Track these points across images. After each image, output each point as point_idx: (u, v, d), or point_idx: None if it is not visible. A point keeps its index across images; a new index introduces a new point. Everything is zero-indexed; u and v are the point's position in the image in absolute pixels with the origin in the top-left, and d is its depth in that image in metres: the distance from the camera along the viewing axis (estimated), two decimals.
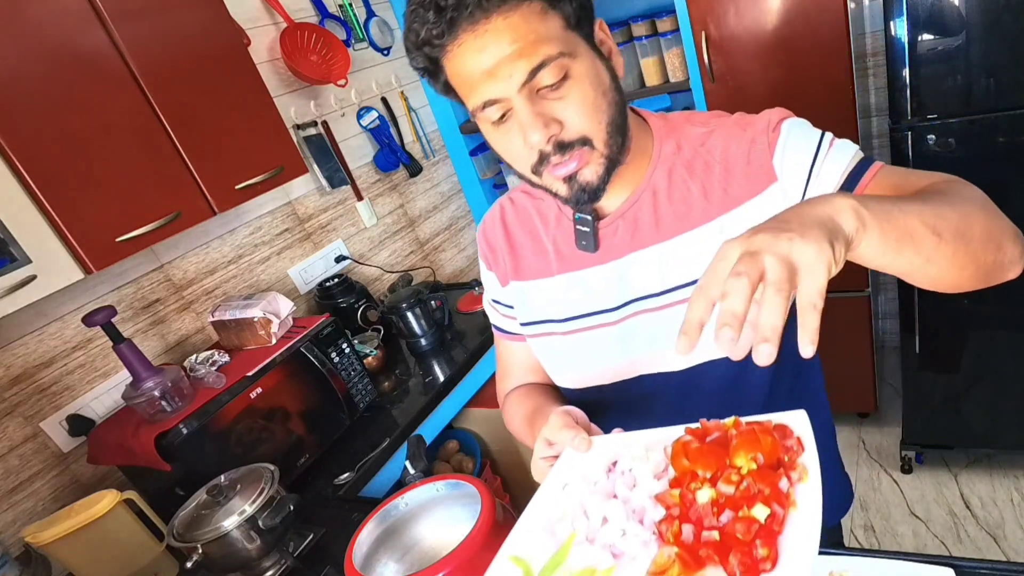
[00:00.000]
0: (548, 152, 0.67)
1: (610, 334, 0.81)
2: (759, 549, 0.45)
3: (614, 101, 0.69)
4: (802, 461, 0.51)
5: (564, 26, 0.65)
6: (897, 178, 0.69)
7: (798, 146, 0.72)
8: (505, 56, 0.62)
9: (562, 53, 0.64)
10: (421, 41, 0.65)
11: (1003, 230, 0.61)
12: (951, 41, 1.50)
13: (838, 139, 0.74)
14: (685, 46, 1.98)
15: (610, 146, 0.69)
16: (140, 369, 1.34)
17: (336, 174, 2.11)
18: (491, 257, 0.91)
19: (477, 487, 0.90)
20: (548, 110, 0.65)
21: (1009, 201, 1.62)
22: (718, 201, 0.74)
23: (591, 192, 0.71)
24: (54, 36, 1.20)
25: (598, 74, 0.68)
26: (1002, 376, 1.88)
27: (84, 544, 1.23)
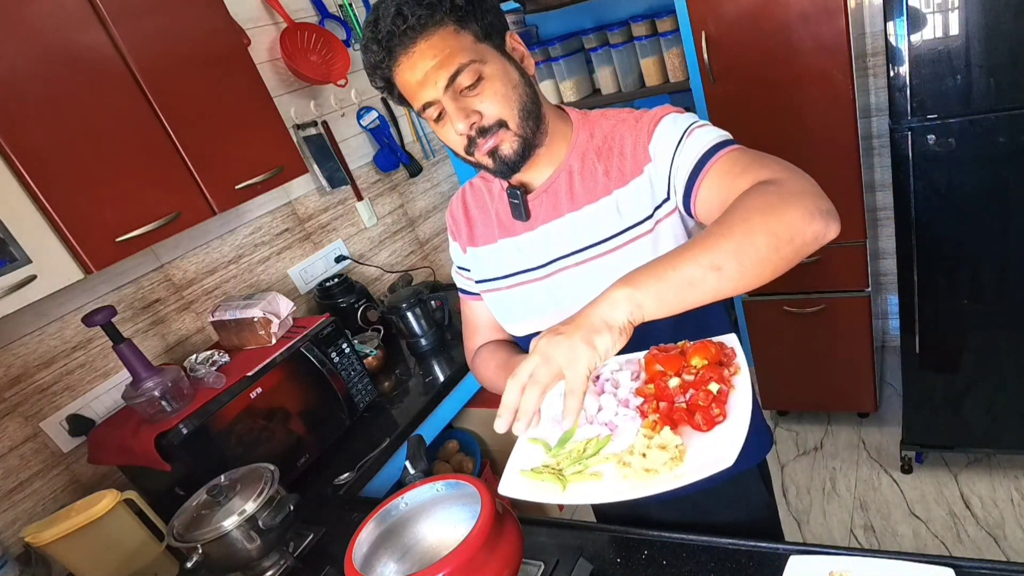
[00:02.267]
0: (473, 136, 0.85)
1: (541, 287, 0.98)
2: (714, 409, 0.69)
3: (525, 93, 0.87)
4: (736, 362, 0.74)
5: (475, 40, 0.83)
6: (739, 162, 0.80)
7: (668, 134, 0.87)
8: (430, 68, 0.81)
9: (473, 60, 0.82)
10: (373, 66, 0.85)
11: (791, 222, 0.68)
12: (951, 41, 1.50)
13: (704, 127, 0.87)
14: (685, 46, 1.98)
15: (523, 127, 0.87)
16: (140, 369, 1.34)
17: (336, 174, 2.11)
18: (455, 229, 1.09)
19: (477, 487, 0.90)
20: (469, 104, 0.84)
21: (1009, 201, 1.64)
22: (615, 179, 0.91)
23: (511, 164, 0.88)
24: (54, 36, 1.20)
25: (508, 73, 0.86)
26: (1002, 376, 1.88)
27: (84, 544, 1.23)
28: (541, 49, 2.33)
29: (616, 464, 0.69)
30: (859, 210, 1.97)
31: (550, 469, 0.72)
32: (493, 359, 1.06)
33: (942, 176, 1.67)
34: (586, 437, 0.74)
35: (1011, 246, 1.69)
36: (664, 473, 0.65)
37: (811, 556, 0.87)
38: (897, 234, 1.81)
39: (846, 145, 1.90)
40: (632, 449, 0.69)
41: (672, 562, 0.94)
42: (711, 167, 0.82)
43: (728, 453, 0.64)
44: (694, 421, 0.70)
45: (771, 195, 0.71)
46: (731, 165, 0.80)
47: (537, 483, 0.72)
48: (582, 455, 0.72)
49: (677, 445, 0.67)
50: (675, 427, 0.70)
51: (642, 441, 0.69)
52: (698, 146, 0.84)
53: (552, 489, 0.70)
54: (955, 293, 1.82)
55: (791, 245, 0.68)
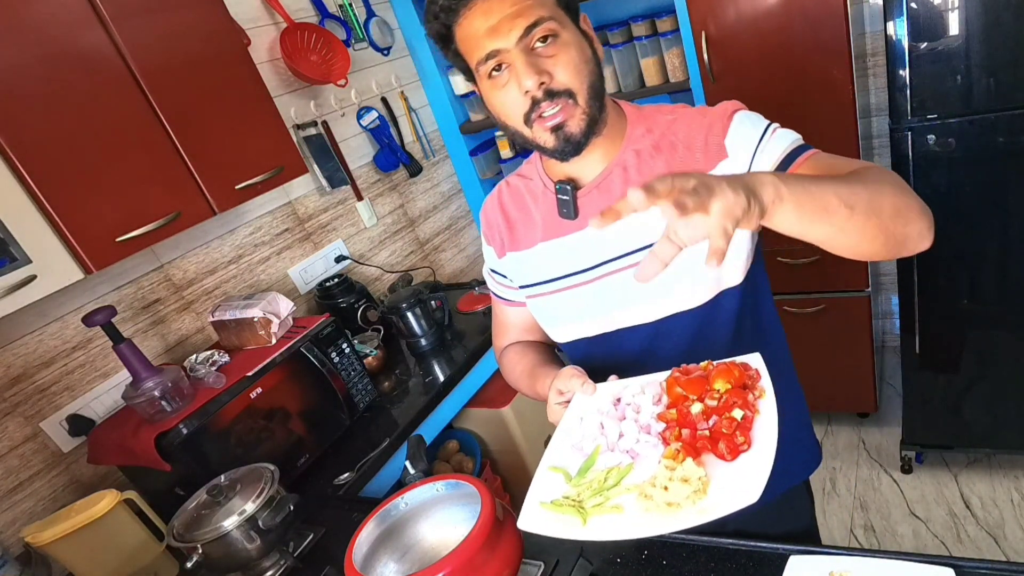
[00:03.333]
0: (539, 98, 0.79)
1: (589, 291, 0.93)
2: (738, 437, 0.66)
3: (595, 72, 0.82)
4: (761, 385, 0.71)
5: (556, 2, 0.79)
6: (825, 163, 0.80)
7: (746, 130, 0.84)
8: (506, 16, 0.76)
9: (553, 17, 0.78)
10: (440, 9, 0.79)
11: (911, 207, 0.71)
12: (951, 41, 1.50)
13: (783, 128, 0.85)
14: (685, 46, 1.98)
15: (590, 105, 0.82)
16: (140, 369, 1.34)
17: (336, 174, 2.11)
18: (489, 233, 1.04)
19: (477, 487, 0.90)
20: (540, 63, 0.78)
21: (1009, 201, 1.63)
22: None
23: (574, 143, 0.82)
24: (54, 36, 1.20)
25: (582, 46, 0.81)
26: (1002, 376, 1.88)
27: (84, 544, 1.23)
28: None
29: (638, 496, 0.66)
30: None
31: (571, 501, 0.69)
32: (521, 363, 1.04)
33: (942, 176, 1.67)
34: (607, 466, 0.72)
35: (1011, 246, 1.69)
36: (687, 507, 0.62)
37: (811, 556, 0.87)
38: None
39: (846, 145, 1.90)
40: (654, 481, 0.66)
41: (672, 562, 0.94)
42: (800, 166, 0.79)
43: (754, 487, 0.61)
44: (718, 450, 0.67)
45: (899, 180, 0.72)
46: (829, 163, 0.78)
47: (557, 516, 0.69)
48: (603, 486, 0.69)
49: (700, 477, 0.64)
50: (698, 456, 0.67)
51: (664, 472, 0.66)
52: (782, 144, 0.82)
53: (572, 524, 0.67)
54: (955, 293, 1.82)
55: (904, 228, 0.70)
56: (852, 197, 0.66)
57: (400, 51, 2.42)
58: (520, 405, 2.13)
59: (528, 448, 2.19)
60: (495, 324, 1.15)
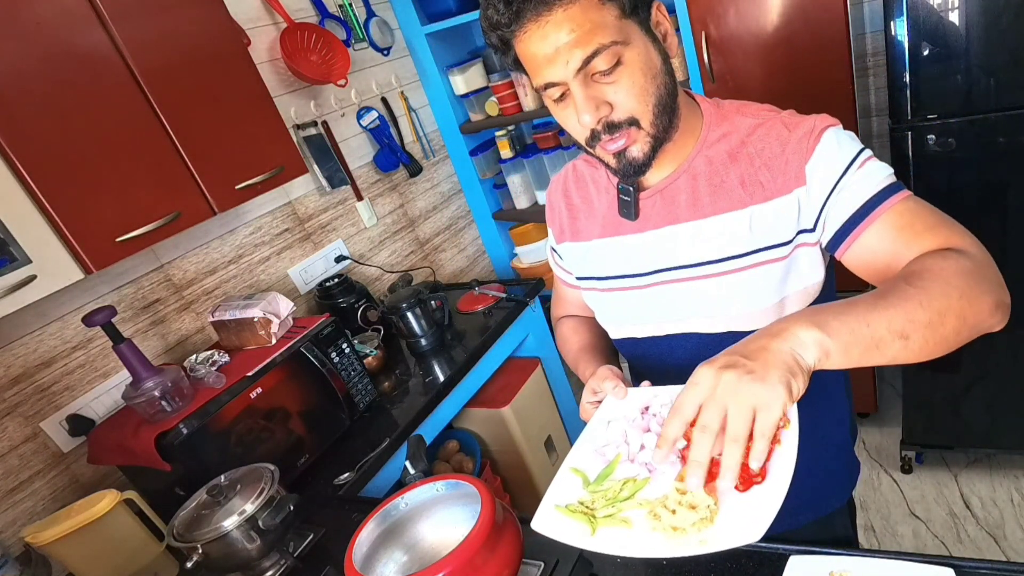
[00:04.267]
0: (599, 131, 0.76)
1: (639, 296, 0.91)
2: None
3: (663, 84, 0.76)
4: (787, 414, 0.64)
5: (619, 15, 0.72)
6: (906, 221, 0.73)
7: (831, 158, 0.77)
8: (563, 44, 0.70)
9: (615, 42, 0.71)
10: (492, 25, 0.74)
11: (982, 310, 0.65)
12: (951, 41, 1.50)
13: (873, 161, 0.77)
14: (685, 46, 1.98)
15: (656, 126, 0.77)
16: (140, 369, 1.34)
17: (336, 174, 2.11)
18: (551, 215, 1.02)
19: (477, 487, 0.90)
20: (600, 93, 0.73)
21: (1009, 201, 1.63)
22: (753, 192, 0.80)
23: (637, 167, 0.79)
24: (54, 36, 1.20)
25: (650, 59, 0.75)
26: (1002, 376, 1.88)
27: (84, 544, 1.23)
28: None
29: (647, 513, 0.66)
30: None
31: (584, 507, 0.70)
32: (573, 339, 1.04)
33: (942, 176, 1.67)
34: (625, 476, 0.72)
35: (1011, 246, 1.69)
36: (691, 534, 0.61)
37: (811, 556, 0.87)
38: None
39: None
40: (665, 501, 0.65)
41: (672, 561, 0.94)
42: (882, 213, 0.74)
43: (758, 526, 0.58)
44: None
45: (970, 276, 0.66)
46: (911, 218, 0.73)
47: (568, 521, 0.70)
48: (617, 496, 0.69)
49: (709, 506, 0.62)
50: (713, 480, 0.63)
51: (675, 495, 0.65)
52: (870, 184, 0.75)
53: (582, 531, 0.68)
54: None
55: (970, 333, 0.66)
56: (907, 325, 0.62)
57: (400, 51, 2.42)
58: (520, 405, 2.13)
59: (528, 448, 2.19)
60: (555, 292, 1.14)
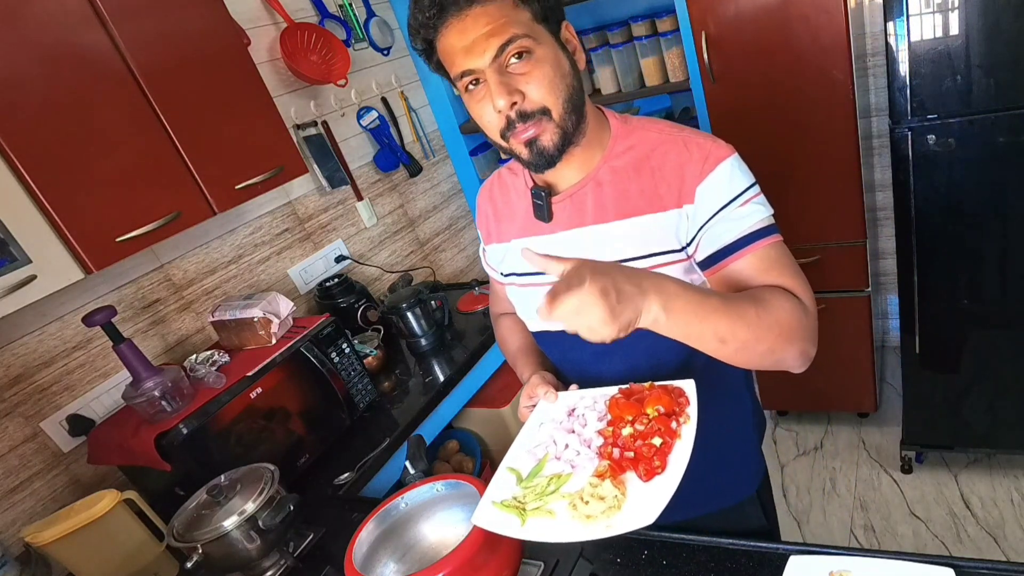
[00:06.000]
0: (513, 119, 0.81)
1: None
2: (656, 461, 0.74)
3: (572, 85, 0.83)
4: (688, 411, 0.79)
5: (532, 18, 0.79)
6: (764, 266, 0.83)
7: (720, 187, 0.84)
8: (480, 35, 0.77)
9: (527, 35, 0.78)
10: (418, 25, 0.80)
11: (791, 354, 0.79)
12: (951, 41, 1.50)
13: (757, 201, 0.85)
14: (685, 46, 1.98)
15: (565, 120, 0.83)
16: (140, 369, 1.34)
17: (336, 174, 2.11)
18: (481, 218, 1.10)
19: (477, 487, 0.90)
20: (513, 82, 0.79)
21: (1009, 201, 1.63)
22: (650, 202, 0.88)
23: (548, 157, 0.84)
24: (54, 36, 1.20)
25: (559, 61, 0.82)
26: (1002, 376, 1.88)
27: (84, 544, 1.23)
28: None
29: (567, 505, 0.75)
30: (859, 210, 1.97)
31: (516, 502, 0.78)
32: (510, 339, 1.14)
33: (942, 176, 1.67)
34: (552, 472, 0.81)
35: (1011, 246, 1.69)
36: (600, 520, 0.71)
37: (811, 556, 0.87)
38: (897, 234, 1.81)
39: (846, 145, 1.90)
40: (581, 494, 0.75)
41: (672, 562, 0.94)
42: (749, 252, 0.83)
43: (652, 510, 0.68)
44: (638, 471, 0.75)
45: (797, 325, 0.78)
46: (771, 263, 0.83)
47: (502, 515, 0.78)
48: (544, 491, 0.78)
49: (615, 496, 0.72)
50: (623, 472, 0.75)
51: (588, 488, 0.75)
52: (746, 222, 0.83)
53: (513, 523, 0.76)
54: (955, 293, 1.82)
55: (773, 364, 0.80)
56: (729, 334, 0.74)
57: (400, 51, 2.42)
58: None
59: None
60: (491, 292, 1.23)
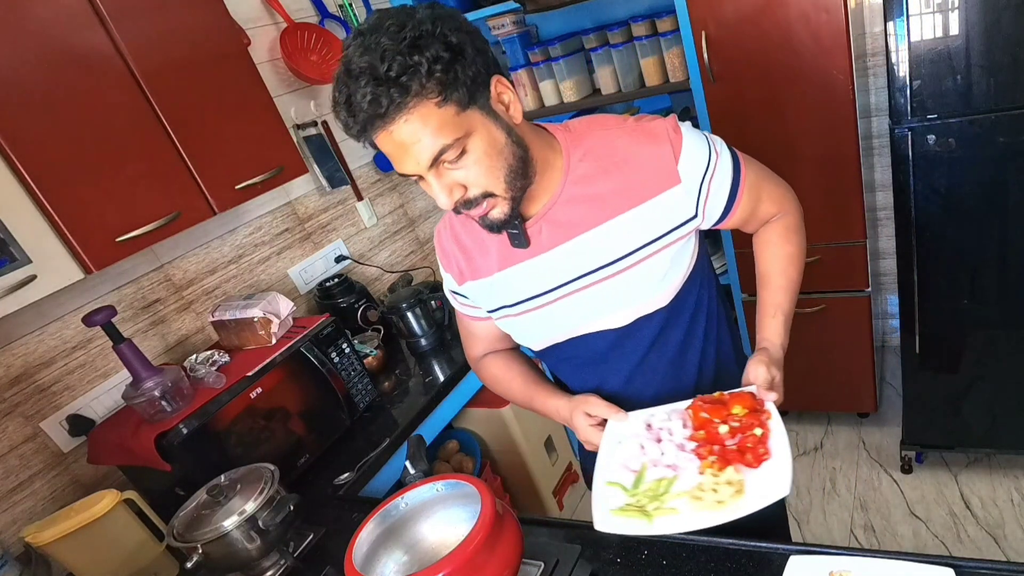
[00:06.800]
0: (458, 208, 0.84)
1: (552, 310, 0.98)
2: (760, 449, 0.83)
3: (512, 154, 0.83)
4: (767, 407, 0.89)
5: (457, 111, 0.77)
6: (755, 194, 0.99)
7: (695, 155, 0.91)
8: (411, 148, 0.77)
9: (457, 138, 0.77)
10: (347, 127, 0.78)
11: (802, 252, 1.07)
12: (951, 41, 1.50)
13: (717, 141, 0.95)
14: (685, 46, 1.98)
15: (511, 189, 0.84)
16: (140, 369, 1.34)
17: (336, 174, 2.11)
18: (445, 261, 1.07)
19: (477, 487, 0.90)
20: (452, 178, 0.81)
21: (1009, 201, 1.63)
22: (629, 196, 0.90)
23: (501, 225, 0.87)
24: (54, 36, 1.20)
25: (493, 140, 0.81)
26: (1002, 376, 1.88)
27: (84, 544, 1.23)
28: (541, 49, 2.32)
29: (689, 499, 0.82)
30: (859, 210, 1.97)
31: (634, 507, 0.84)
32: (509, 375, 1.13)
33: (942, 176, 1.67)
34: (655, 478, 0.87)
35: (1011, 246, 1.69)
36: (731, 503, 0.79)
37: (811, 556, 0.87)
38: (897, 234, 1.80)
39: (846, 145, 1.90)
40: (702, 486, 0.83)
41: (672, 562, 0.94)
42: (740, 197, 0.97)
43: (784, 481, 0.79)
44: (745, 460, 0.83)
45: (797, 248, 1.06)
46: (757, 192, 1.00)
47: (626, 520, 0.83)
48: (657, 493, 0.84)
49: (740, 480, 0.82)
50: (731, 462, 0.84)
51: (710, 479, 0.83)
52: (726, 174, 0.94)
53: (641, 524, 0.82)
54: (955, 293, 1.82)
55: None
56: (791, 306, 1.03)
57: None
58: None
59: (528, 448, 2.19)
60: (464, 335, 1.18)
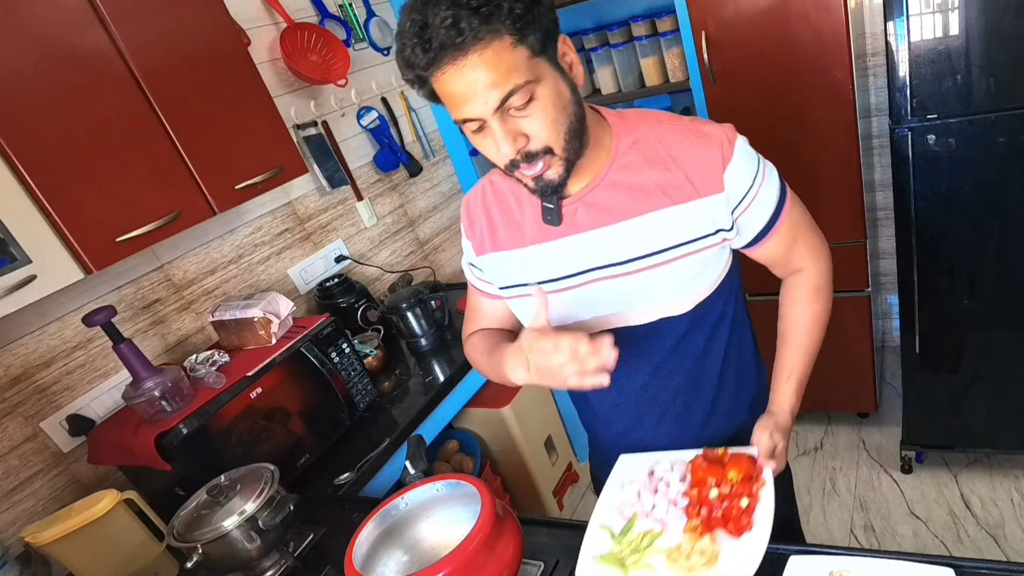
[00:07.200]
0: (518, 160, 0.81)
1: (569, 297, 0.96)
2: (743, 520, 0.84)
3: (573, 112, 0.82)
4: (763, 477, 0.89)
5: (530, 55, 0.76)
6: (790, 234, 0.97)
7: (744, 170, 0.89)
8: (480, 86, 0.74)
9: (528, 81, 0.76)
10: (408, 64, 0.76)
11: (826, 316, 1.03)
12: (951, 41, 1.50)
13: (769, 169, 0.93)
14: (685, 46, 1.98)
15: (568, 151, 0.83)
16: (140, 369, 1.34)
17: (336, 174, 2.11)
18: (470, 228, 1.05)
19: (477, 487, 0.90)
20: (516, 127, 0.79)
21: (1009, 201, 1.63)
22: (672, 194, 0.89)
23: (553, 187, 0.85)
24: (54, 36, 1.20)
25: (559, 92, 0.80)
26: (1002, 376, 1.88)
27: (84, 544, 1.23)
28: None
29: (666, 558, 0.84)
30: (859, 210, 1.97)
31: (615, 557, 0.87)
32: (483, 344, 1.09)
33: (942, 176, 1.67)
34: (643, 529, 0.89)
35: (1011, 246, 1.69)
36: (700, 573, 0.81)
37: (811, 556, 0.87)
38: (897, 234, 1.80)
39: (846, 145, 1.90)
40: (680, 548, 0.85)
41: None
42: (778, 229, 0.95)
43: (751, 562, 0.80)
44: (728, 528, 0.84)
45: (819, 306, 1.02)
46: (794, 232, 0.97)
47: (605, 568, 0.86)
48: (639, 546, 0.87)
49: (713, 551, 0.83)
50: (712, 528, 0.85)
51: (687, 543, 0.85)
52: (769, 198, 0.93)
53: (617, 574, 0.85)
54: (955, 293, 1.82)
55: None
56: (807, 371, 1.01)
57: None
58: (520, 405, 2.13)
59: (528, 448, 2.19)
60: (468, 311, 1.18)
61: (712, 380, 1.03)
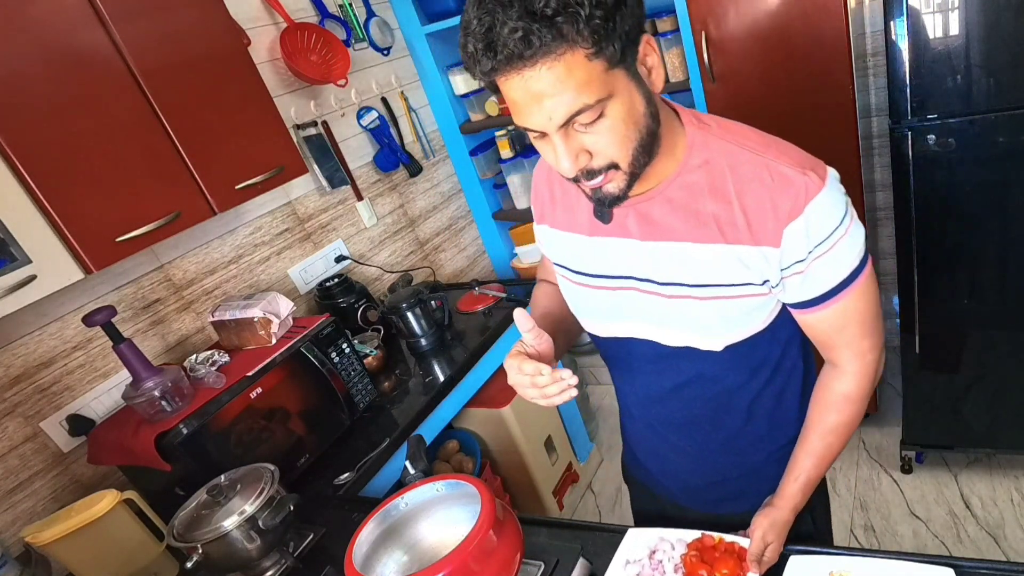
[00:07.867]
0: (578, 176, 0.75)
1: (607, 297, 0.93)
2: None
3: (645, 126, 0.75)
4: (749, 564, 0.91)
5: (606, 67, 0.68)
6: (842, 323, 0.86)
7: (810, 230, 0.78)
8: (547, 101, 0.68)
9: (600, 100, 0.69)
10: (472, 60, 0.70)
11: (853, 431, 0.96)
12: (951, 41, 1.50)
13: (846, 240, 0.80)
14: (685, 46, 1.98)
15: (634, 165, 0.76)
16: (140, 369, 1.34)
17: (336, 174, 2.11)
18: (535, 196, 1.02)
19: (477, 487, 0.90)
20: (580, 144, 0.73)
21: (1009, 201, 1.63)
22: (724, 232, 0.81)
23: (611, 200, 0.79)
24: (54, 36, 1.20)
25: (633, 107, 0.72)
26: (1002, 376, 1.88)
27: (84, 544, 1.23)
28: None
29: None
30: (859, 210, 1.97)
31: None
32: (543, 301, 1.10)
33: (942, 176, 1.67)
34: None
35: (1011, 246, 1.69)
36: None
37: (811, 556, 0.87)
38: (897, 234, 1.80)
39: (846, 145, 1.90)
40: None
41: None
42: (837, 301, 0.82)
43: None
44: None
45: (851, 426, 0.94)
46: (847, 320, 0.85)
47: None
48: None
49: None
50: None
51: None
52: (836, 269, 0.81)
53: None
54: (955, 293, 1.82)
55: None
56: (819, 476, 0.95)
57: (400, 51, 2.42)
58: (520, 405, 2.13)
59: (528, 448, 2.19)
60: (542, 261, 1.16)
61: (736, 420, 0.98)
